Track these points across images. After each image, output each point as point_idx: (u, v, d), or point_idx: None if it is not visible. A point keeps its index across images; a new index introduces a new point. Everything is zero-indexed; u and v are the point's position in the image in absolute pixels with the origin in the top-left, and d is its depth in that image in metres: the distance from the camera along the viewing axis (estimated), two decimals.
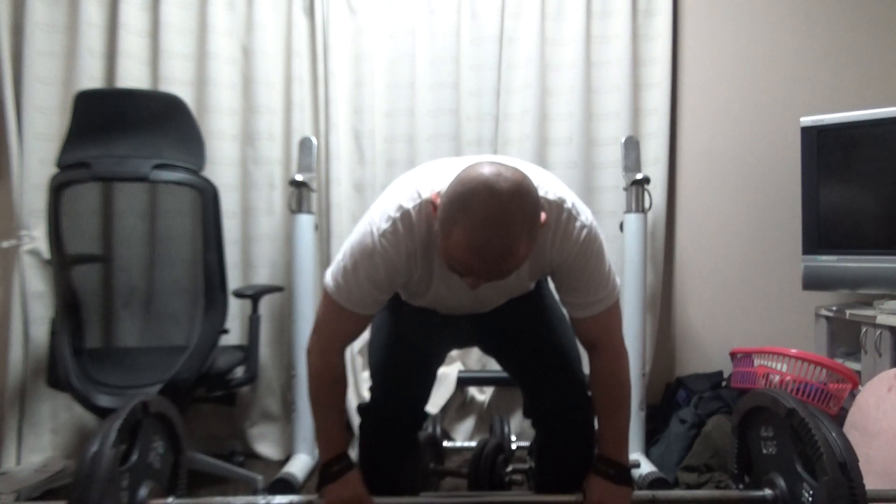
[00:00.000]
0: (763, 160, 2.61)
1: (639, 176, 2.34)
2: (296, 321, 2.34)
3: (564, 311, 1.41)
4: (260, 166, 2.54)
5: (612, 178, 2.57)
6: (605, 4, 2.58)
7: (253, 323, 2.21)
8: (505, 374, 2.49)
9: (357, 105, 2.58)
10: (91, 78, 2.42)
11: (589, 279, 1.27)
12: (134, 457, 1.29)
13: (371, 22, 2.56)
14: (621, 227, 2.36)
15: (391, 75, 2.59)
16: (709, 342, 2.61)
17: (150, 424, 1.37)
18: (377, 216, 1.22)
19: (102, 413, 1.93)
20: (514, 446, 2.11)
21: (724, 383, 2.46)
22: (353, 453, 2.36)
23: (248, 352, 2.17)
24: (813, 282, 2.28)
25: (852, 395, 2.15)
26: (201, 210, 2.02)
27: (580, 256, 1.24)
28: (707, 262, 2.65)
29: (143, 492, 1.29)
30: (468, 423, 2.58)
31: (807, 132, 2.29)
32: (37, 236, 2.33)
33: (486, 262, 1.05)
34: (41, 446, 2.37)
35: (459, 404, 2.59)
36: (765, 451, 1.41)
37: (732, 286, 2.63)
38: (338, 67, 2.53)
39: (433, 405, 2.42)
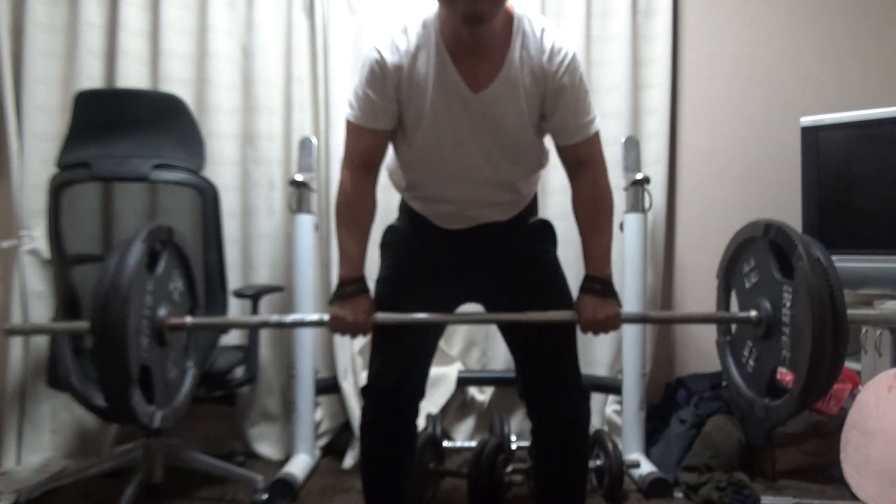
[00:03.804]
0: (763, 160, 2.61)
1: (639, 176, 2.34)
2: None
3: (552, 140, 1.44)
4: (260, 166, 2.54)
5: (613, 178, 2.54)
6: (605, 4, 2.58)
7: None
8: (505, 375, 2.54)
9: None
10: (91, 78, 2.42)
11: (577, 102, 1.34)
12: (160, 269, 1.32)
13: (371, 22, 2.56)
14: (621, 227, 2.36)
15: None
16: (709, 342, 2.58)
17: (172, 256, 1.39)
18: None
19: (102, 413, 1.93)
20: (514, 446, 2.11)
21: (724, 383, 2.46)
22: (352, 455, 2.39)
23: (248, 352, 2.17)
24: None
25: (852, 395, 2.15)
26: (201, 210, 2.02)
27: (571, 76, 1.32)
28: (707, 262, 2.63)
29: (162, 311, 1.30)
30: (468, 423, 2.58)
31: (807, 132, 2.29)
32: (37, 236, 2.33)
33: None
34: (41, 446, 2.37)
35: (459, 404, 2.59)
36: (748, 286, 1.41)
37: None
38: (338, 67, 2.52)
39: (433, 405, 2.42)
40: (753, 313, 1.34)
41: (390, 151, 1.48)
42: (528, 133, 1.38)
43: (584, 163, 1.42)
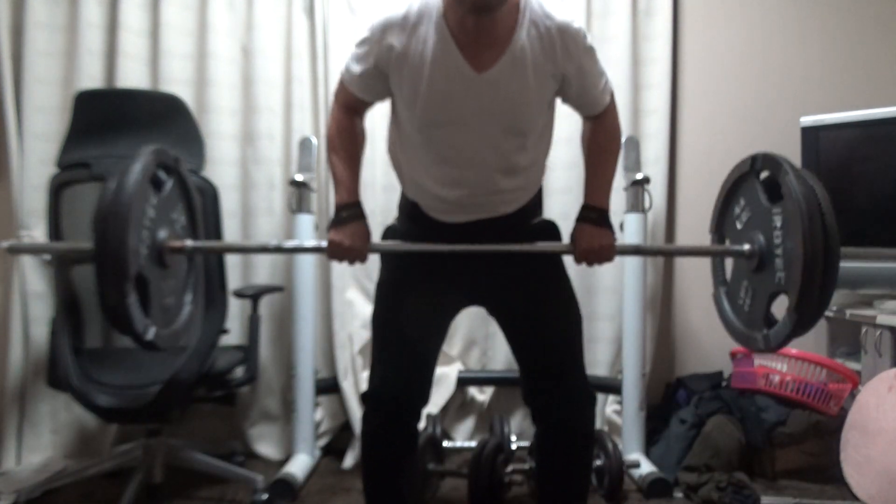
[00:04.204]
0: None
1: (639, 176, 2.34)
2: (296, 321, 2.34)
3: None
4: (260, 166, 2.54)
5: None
6: (605, 4, 2.58)
7: (253, 323, 2.21)
8: (505, 375, 2.54)
9: None
10: (91, 78, 2.42)
11: (592, 76, 1.39)
12: (165, 191, 1.33)
13: (371, 22, 2.56)
14: (621, 227, 2.36)
15: None
16: (709, 342, 2.61)
17: (177, 185, 1.40)
18: None
19: (102, 413, 1.93)
20: (514, 446, 2.11)
21: (724, 383, 2.46)
22: (352, 456, 2.39)
23: (248, 352, 2.17)
24: None
25: (852, 395, 2.15)
26: (201, 210, 2.02)
27: (584, 52, 1.36)
28: (707, 261, 2.64)
29: (162, 233, 1.31)
30: (468, 423, 2.58)
31: (807, 132, 2.29)
32: (37, 236, 2.33)
33: None
34: (41, 446, 2.38)
35: (459, 404, 2.59)
36: (739, 227, 1.42)
37: None
38: (338, 67, 2.50)
39: (433, 405, 2.41)
40: (746, 246, 1.35)
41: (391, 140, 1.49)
42: (534, 115, 1.37)
43: (599, 118, 1.48)
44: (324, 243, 1.39)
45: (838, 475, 1.99)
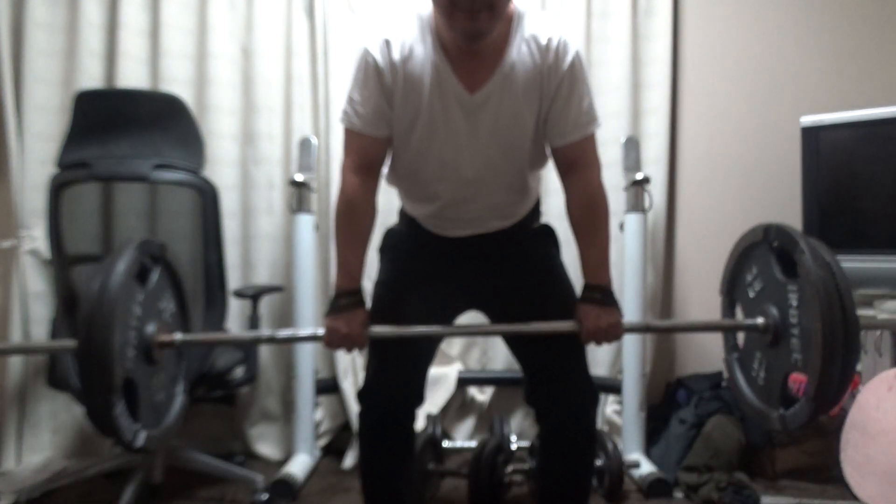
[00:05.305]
0: (763, 160, 2.61)
1: (639, 176, 2.34)
2: (296, 321, 2.33)
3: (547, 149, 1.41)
4: (260, 166, 2.54)
5: (613, 178, 2.55)
6: (605, 5, 2.58)
7: (253, 323, 2.21)
8: (505, 375, 2.54)
9: None
10: (91, 78, 2.42)
11: (572, 101, 1.32)
12: (151, 284, 1.30)
13: (371, 21, 2.56)
14: (621, 227, 2.36)
15: None
16: (709, 342, 2.60)
17: (164, 273, 1.37)
18: None
19: None
20: (514, 446, 2.11)
21: (724, 383, 2.46)
22: (352, 456, 2.39)
23: (247, 352, 2.17)
24: None
25: (852, 395, 2.15)
26: (201, 210, 2.02)
27: (570, 74, 1.30)
28: (707, 262, 2.65)
29: (150, 328, 1.28)
30: (468, 423, 2.58)
31: (807, 132, 2.29)
32: (37, 236, 2.33)
33: None
34: (41, 446, 2.38)
35: (459, 404, 2.59)
36: (752, 295, 1.38)
37: None
38: (338, 67, 2.53)
39: (433, 405, 2.41)
40: (760, 320, 1.31)
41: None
42: (527, 133, 1.36)
43: (575, 162, 1.38)
44: (320, 331, 1.35)
45: (838, 475, 1.99)
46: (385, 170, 1.49)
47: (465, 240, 1.46)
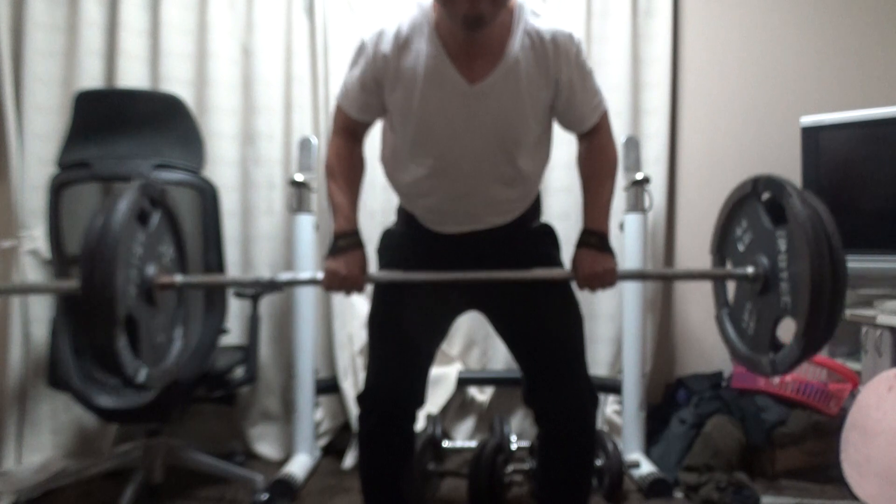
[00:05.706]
0: (763, 160, 2.61)
1: (639, 176, 2.34)
2: (296, 321, 2.34)
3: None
4: (260, 166, 2.54)
5: None
6: (605, 4, 2.58)
7: (253, 323, 2.21)
8: (505, 375, 2.54)
9: None
10: (91, 78, 2.42)
11: (584, 90, 1.36)
12: (152, 226, 1.31)
13: (371, 21, 2.56)
14: (621, 227, 2.36)
15: None
16: (709, 342, 2.61)
17: (164, 218, 1.38)
18: None
19: (103, 413, 1.93)
20: (514, 446, 2.11)
21: (724, 383, 2.46)
22: (352, 456, 2.39)
23: (248, 352, 2.17)
24: None
25: (852, 395, 2.15)
26: (201, 210, 2.02)
27: (576, 64, 1.33)
28: (707, 262, 2.64)
29: (151, 269, 1.29)
30: (468, 423, 2.58)
31: (807, 132, 2.29)
32: (37, 236, 2.33)
33: None
34: (41, 446, 2.37)
35: (459, 404, 2.59)
36: (741, 249, 1.40)
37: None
38: (338, 67, 2.52)
39: (433, 405, 2.42)
40: (750, 269, 1.34)
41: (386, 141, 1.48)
42: (529, 125, 1.36)
43: (593, 133, 1.45)
44: (320, 275, 1.37)
45: (838, 475, 1.99)
46: (384, 169, 1.50)
47: (463, 237, 1.45)
